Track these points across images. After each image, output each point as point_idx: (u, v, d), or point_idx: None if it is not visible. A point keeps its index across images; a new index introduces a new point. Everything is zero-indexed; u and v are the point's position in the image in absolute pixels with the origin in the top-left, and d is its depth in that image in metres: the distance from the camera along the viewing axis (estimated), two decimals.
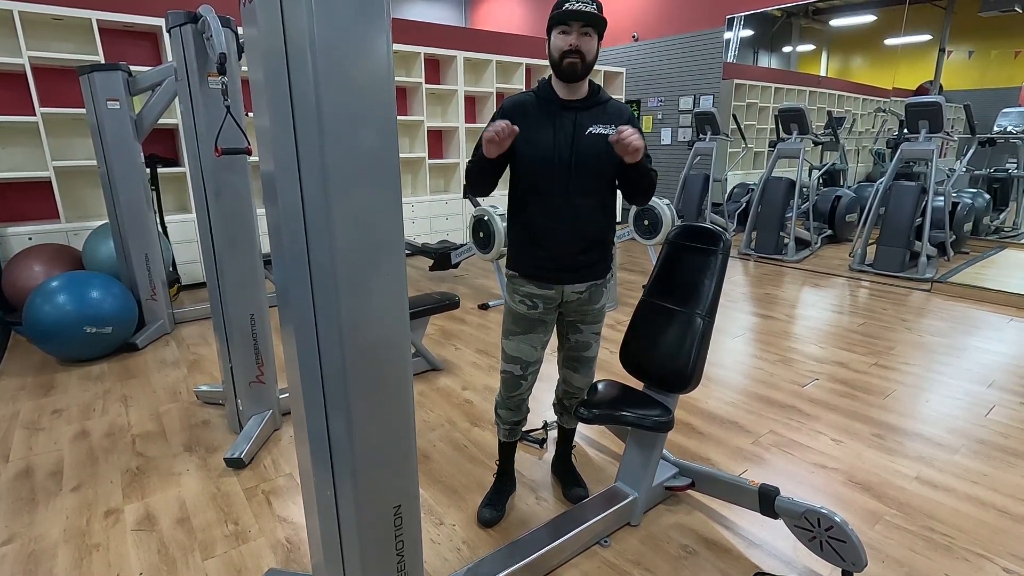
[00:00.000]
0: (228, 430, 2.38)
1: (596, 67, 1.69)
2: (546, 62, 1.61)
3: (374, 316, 1.03)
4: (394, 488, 1.15)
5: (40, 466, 2.13)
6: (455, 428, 2.39)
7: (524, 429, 1.97)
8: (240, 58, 2.19)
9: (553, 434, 2.34)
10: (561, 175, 1.52)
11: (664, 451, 1.91)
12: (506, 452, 1.89)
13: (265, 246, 3.14)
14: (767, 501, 1.64)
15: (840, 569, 1.53)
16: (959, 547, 1.67)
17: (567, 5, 1.43)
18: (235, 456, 2.10)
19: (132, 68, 3.33)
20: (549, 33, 1.50)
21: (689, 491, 1.89)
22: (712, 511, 1.84)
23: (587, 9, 1.42)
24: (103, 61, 3.93)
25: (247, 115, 3.71)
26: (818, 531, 1.52)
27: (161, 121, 3.72)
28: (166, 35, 2.21)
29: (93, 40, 3.96)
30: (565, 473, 1.98)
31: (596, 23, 1.45)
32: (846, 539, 1.46)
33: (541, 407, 2.44)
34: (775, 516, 1.64)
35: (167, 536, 1.75)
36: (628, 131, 1.41)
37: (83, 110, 3.73)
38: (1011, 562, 1.61)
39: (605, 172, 1.55)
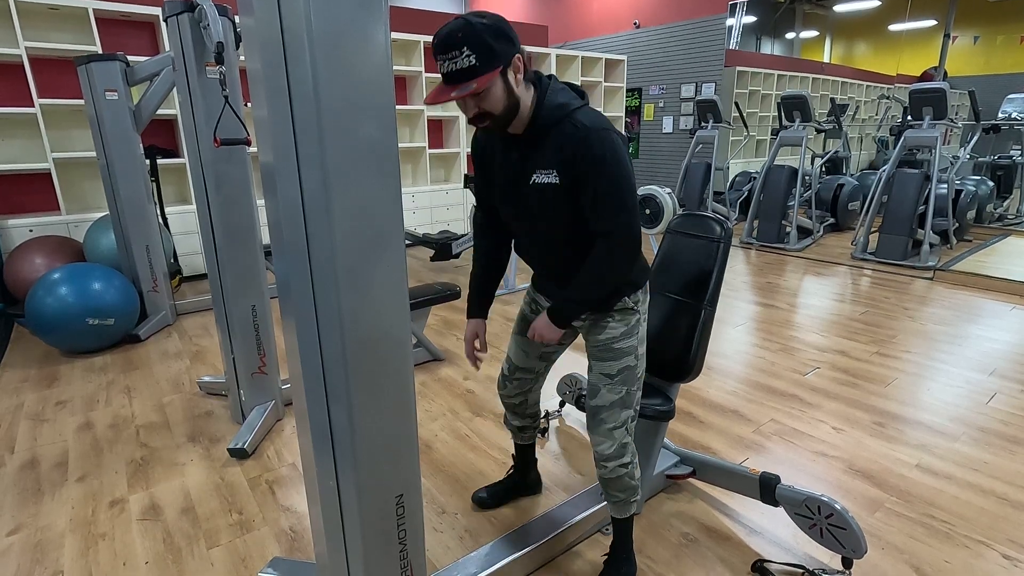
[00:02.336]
0: (231, 421, 2.39)
1: (597, 54, 1.66)
2: (545, 49, 1.57)
3: (375, 307, 1.03)
4: (396, 477, 1.15)
5: (45, 457, 2.14)
6: (457, 418, 2.40)
7: None
8: (238, 47, 2.17)
9: (555, 423, 2.35)
10: (519, 218, 1.32)
11: (665, 440, 1.92)
12: (518, 453, 1.84)
13: (266, 237, 3.12)
14: (768, 489, 1.65)
15: (840, 556, 1.54)
16: (959, 534, 1.68)
17: (439, 66, 1.09)
18: (239, 446, 2.11)
19: (130, 58, 3.31)
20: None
21: (690, 479, 1.90)
22: (713, 499, 1.85)
23: (459, 67, 1.06)
24: (100, 51, 3.91)
25: (246, 105, 3.69)
26: (818, 519, 1.53)
27: (160, 112, 3.70)
28: (163, 24, 2.19)
29: (90, 30, 3.93)
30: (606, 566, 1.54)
31: (473, 74, 1.06)
32: (846, 526, 1.46)
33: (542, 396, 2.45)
34: (776, 504, 1.65)
35: (172, 525, 1.77)
36: (536, 331, 1.31)
37: (81, 101, 3.72)
38: (1010, 548, 1.62)
39: (558, 222, 1.26)
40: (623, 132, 1.20)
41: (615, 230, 1.21)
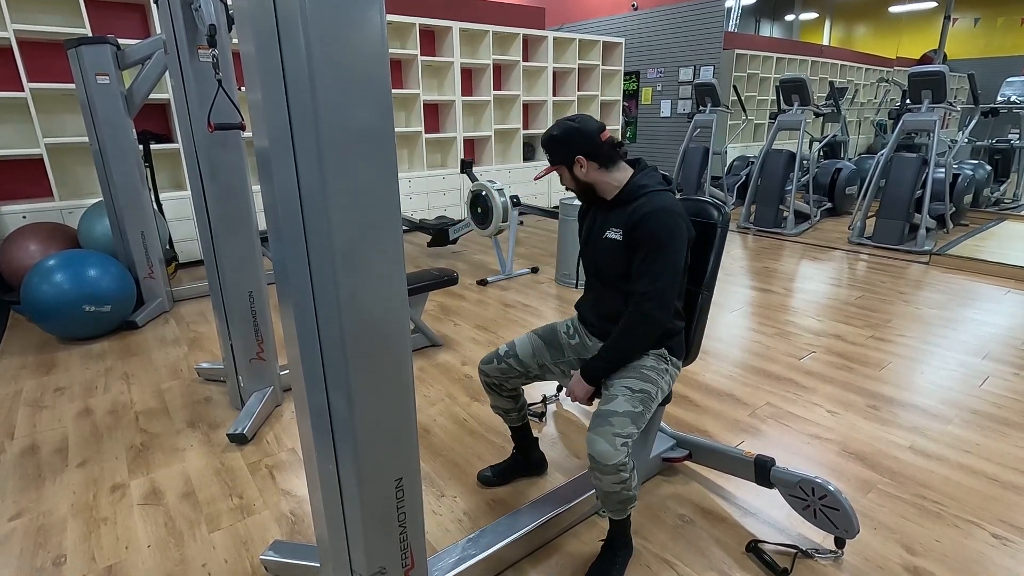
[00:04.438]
0: (230, 406, 2.40)
1: (595, 37, 1.68)
2: (542, 32, 1.61)
3: (372, 292, 1.03)
4: (395, 462, 1.16)
5: (45, 443, 2.15)
6: (455, 403, 2.42)
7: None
8: (230, 30, 2.14)
9: (552, 407, 2.37)
10: (589, 268, 1.62)
11: (662, 424, 1.93)
12: (514, 435, 1.87)
13: (262, 223, 3.10)
14: (763, 471, 1.67)
15: (833, 536, 1.56)
16: (950, 514, 1.71)
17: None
18: (238, 432, 2.12)
19: (120, 41, 3.26)
20: None
21: (686, 462, 1.92)
22: (709, 481, 1.87)
23: (548, 155, 1.52)
24: (90, 34, 3.85)
25: (240, 89, 3.65)
26: (812, 500, 1.56)
27: (152, 96, 3.66)
28: (154, 6, 2.15)
29: (79, 12, 3.86)
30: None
31: (554, 160, 1.52)
32: (839, 507, 1.49)
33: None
34: (770, 486, 1.67)
35: (173, 510, 1.78)
36: (572, 391, 1.53)
37: (73, 85, 3.67)
38: (1000, 528, 1.65)
39: (615, 274, 1.52)
40: (672, 193, 1.51)
41: (647, 292, 1.42)
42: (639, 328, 1.45)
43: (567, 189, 1.56)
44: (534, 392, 2.44)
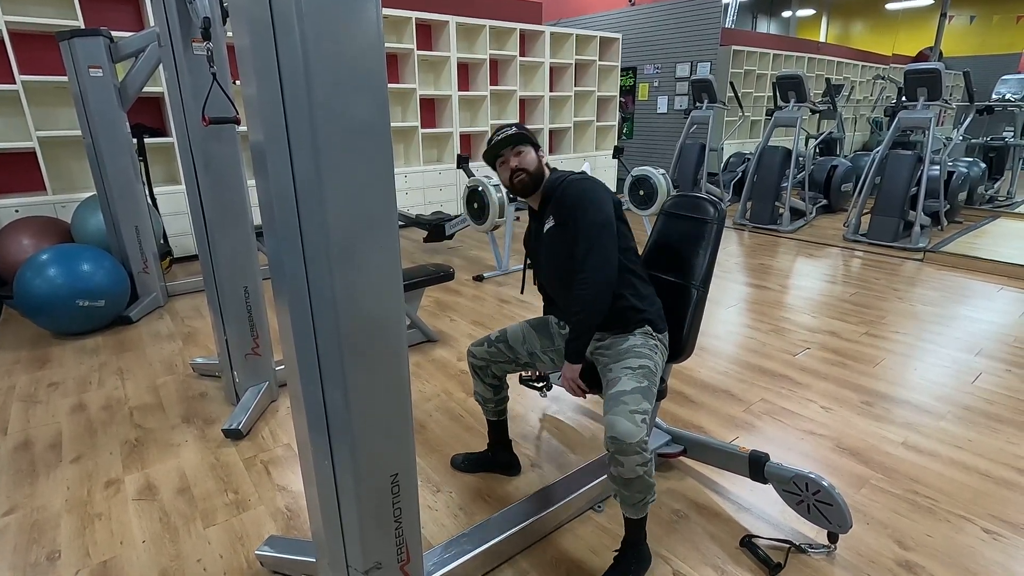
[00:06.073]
0: (225, 402, 2.40)
1: (592, 32, 1.68)
2: (539, 27, 1.60)
3: (368, 288, 1.03)
4: (391, 457, 1.16)
5: (39, 438, 2.14)
6: (451, 398, 2.42)
7: (524, 375, 1.90)
8: (225, 23, 2.12)
9: (555, 378, 2.26)
10: (547, 274, 1.67)
11: (657, 419, 1.94)
12: (490, 430, 1.89)
13: (257, 218, 3.08)
14: (757, 467, 1.68)
15: (826, 531, 1.57)
16: (942, 509, 1.73)
17: (494, 139, 1.59)
18: (233, 427, 2.12)
19: (114, 34, 3.23)
20: (495, 170, 1.64)
21: (681, 458, 1.93)
22: (703, 477, 1.88)
23: (508, 133, 1.57)
24: (83, 26, 3.81)
25: (234, 83, 3.62)
26: (806, 495, 1.57)
27: (146, 89, 3.63)
28: None
29: (72, 4, 3.82)
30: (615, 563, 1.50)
31: (522, 140, 1.58)
32: (832, 502, 1.50)
33: None
34: (764, 481, 1.68)
35: (168, 505, 1.78)
36: (564, 378, 1.56)
37: (65, 78, 3.63)
38: (991, 523, 1.67)
39: (564, 263, 1.55)
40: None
41: (586, 249, 1.47)
42: (587, 299, 1.46)
43: (511, 182, 1.59)
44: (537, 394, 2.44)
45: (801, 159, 5.89)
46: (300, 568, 1.49)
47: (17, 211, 3.77)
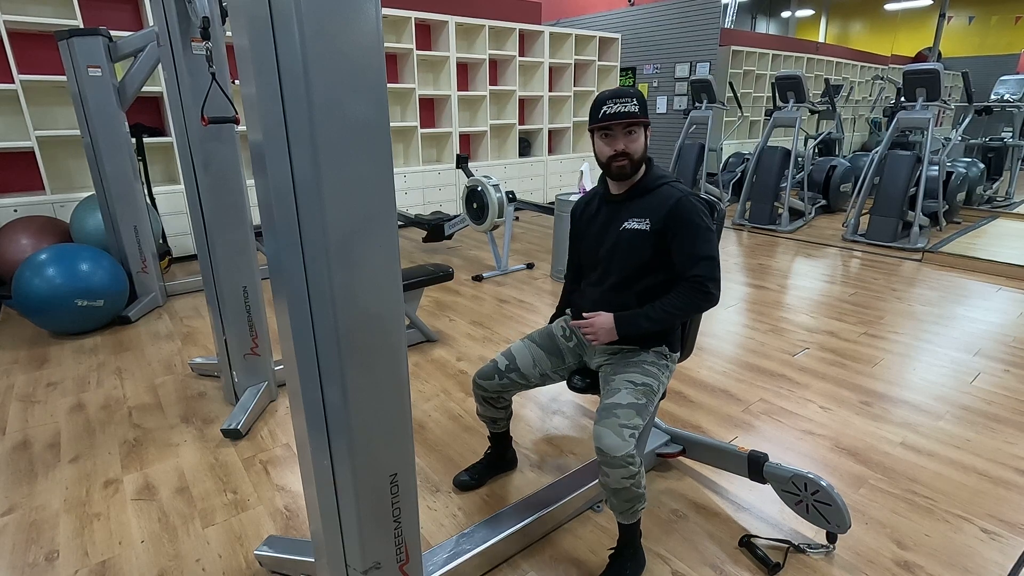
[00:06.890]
0: (224, 402, 2.40)
1: (591, 32, 1.66)
2: (538, 27, 1.58)
3: (367, 288, 1.03)
4: (390, 457, 1.16)
5: (37, 438, 2.14)
6: (450, 398, 2.42)
7: None
8: (224, 22, 2.12)
9: (539, 406, 2.37)
10: (597, 265, 1.58)
11: (656, 419, 1.94)
12: (492, 439, 1.87)
13: (256, 217, 3.08)
14: (756, 467, 1.68)
15: (825, 531, 1.58)
16: (940, 509, 1.73)
17: (606, 108, 1.40)
18: (232, 427, 2.12)
19: (113, 33, 3.23)
20: (592, 133, 1.48)
21: (680, 458, 1.93)
22: (702, 477, 1.88)
23: (627, 109, 1.39)
24: (82, 26, 3.80)
25: (233, 82, 3.62)
26: (804, 495, 1.57)
27: (145, 89, 3.63)
28: None
29: (71, 3, 3.82)
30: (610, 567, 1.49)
31: (639, 121, 1.42)
32: (831, 502, 1.50)
33: None
34: (763, 481, 1.68)
35: (167, 505, 1.78)
36: (596, 324, 1.48)
37: (64, 77, 3.63)
38: (989, 523, 1.67)
39: (635, 265, 1.50)
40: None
41: (706, 275, 1.42)
42: (696, 300, 1.44)
43: (608, 163, 1.46)
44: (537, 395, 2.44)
45: (800, 159, 5.89)
46: (299, 568, 1.49)
47: (16, 211, 3.77)
